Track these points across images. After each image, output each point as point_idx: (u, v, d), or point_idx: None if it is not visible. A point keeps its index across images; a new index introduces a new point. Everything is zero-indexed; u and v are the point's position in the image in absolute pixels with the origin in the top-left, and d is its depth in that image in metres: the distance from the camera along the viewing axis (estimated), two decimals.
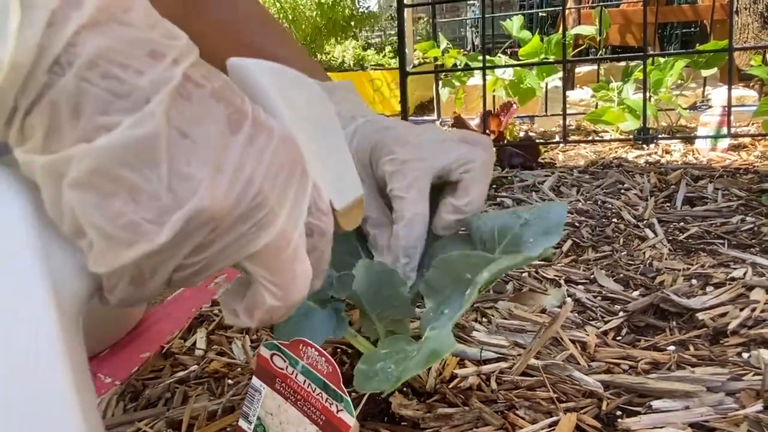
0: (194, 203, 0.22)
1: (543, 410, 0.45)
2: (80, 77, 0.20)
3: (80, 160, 0.21)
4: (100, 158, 0.21)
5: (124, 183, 0.21)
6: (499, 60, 1.93)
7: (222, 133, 0.24)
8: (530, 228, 0.42)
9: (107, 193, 0.21)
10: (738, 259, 0.72)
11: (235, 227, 0.25)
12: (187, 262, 0.24)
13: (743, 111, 1.68)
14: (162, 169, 0.22)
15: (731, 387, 0.46)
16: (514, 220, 0.43)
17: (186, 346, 0.60)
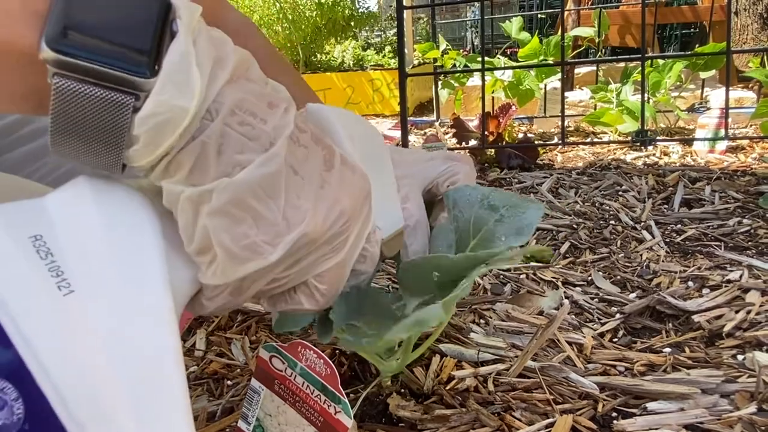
0: (302, 228, 0.27)
1: (539, 412, 0.46)
2: (224, 123, 0.25)
3: (221, 191, 0.25)
4: (238, 190, 0.25)
5: (252, 211, 0.26)
6: (498, 61, 1.93)
7: (320, 171, 0.28)
8: (503, 225, 0.43)
9: (238, 219, 0.25)
10: (734, 262, 0.72)
11: (320, 249, 0.29)
12: (279, 276, 0.29)
13: (741, 113, 1.68)
14: (280, 200, 0.26)
15: (726, 389, 0.47)
16: (489, 213, 0.44)
17: (185, 347, 0.60)
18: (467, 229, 0.44)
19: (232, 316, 0.66)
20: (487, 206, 0.44)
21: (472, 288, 0.70)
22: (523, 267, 0.75)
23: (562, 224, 0.91)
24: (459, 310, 0.63)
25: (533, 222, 0.42)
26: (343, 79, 3.19)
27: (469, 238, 0.43)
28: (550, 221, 0.93)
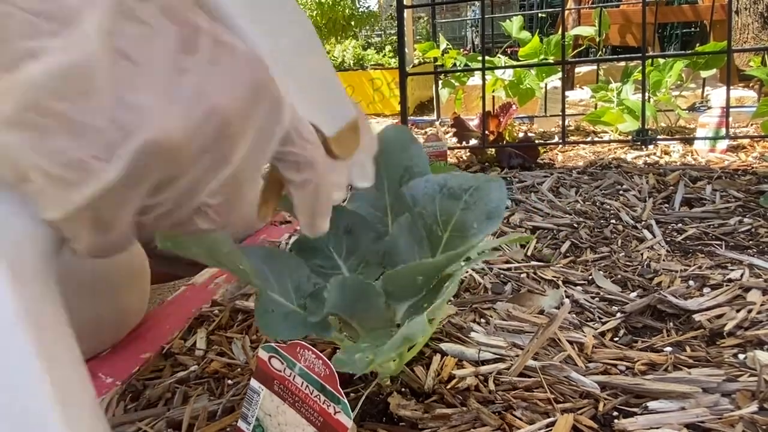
0: (143, 136, 0.20)
1: (540, 411, 0.46)
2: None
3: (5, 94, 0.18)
4: (31, 90, 0.18)
5: (60, 117, 0.19)
6: (498, 60, 1.93)
7: (174, 55, 0.21)
8: (471, 212, 0.42)
9: (44, 130, 0.19)
10: (735, 261, 0.72)
11: (199, 161, 0.22)
12: (151, 203, 0.23)
13: (742, 112, 1.68)
14: (103, 98, 0.19)
15: (727, 388, 0.47)
16: (452, 203, 0.42)
17: (186, 347, 0.60)
18: (435, 222, 0.43)
19: (232, 316, 0.66)
20: (448, 195, 0.43)
21: (472, 287, 0.69)
22: (523, 266, 0.75)
23: (562, 223, 0.90)
24: (460, 309, 0.63)
25: (501, 203, 0.41)
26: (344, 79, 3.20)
27: (441, 231, 0.43)
28: (551, 220, 0.92)
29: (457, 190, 0.43)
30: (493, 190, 0.41)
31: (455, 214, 0.42)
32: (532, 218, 0.94)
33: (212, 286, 0.73)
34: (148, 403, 0.51)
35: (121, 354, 0.59)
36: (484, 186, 0.42)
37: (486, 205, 0.41)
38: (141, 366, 0.56)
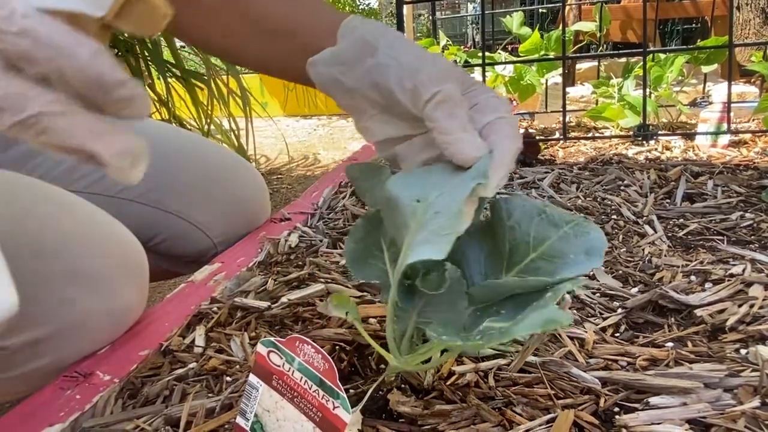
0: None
1: (541, 407, 0.45)
2: None
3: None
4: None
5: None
6: (499, 56, 1.92)
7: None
8: (570, 243, 0.42)
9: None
10: (737, 256, 0.71)
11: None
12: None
13: (744, 107, 1.67)
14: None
15: (729, 383, 0.46)
16: (550, 229, 0.43)
17: (185, 344, 0.60)
18: (526, 241, 0.43)
19: (231, 313, 0.65)
20: (547, 221, 0.43)
21: None
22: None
23: None
24: None
25: (601, 245, 0.41)
26: None
27: (528, 251, 0.43)
28: None
29: (557, 220, 0.43)
30: (594, 230, 0.42)
31: (550, 239, 0.42)
32: None
33: (212, 283, 0.73)
34: (146, 401, 0.51)
35: (119, 352, 0.58)
36: (584, 223, 0.42)
37: (586, 242, 0.41)
38: (139, 363, 0.56)
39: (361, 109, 0.46)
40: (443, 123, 0.39)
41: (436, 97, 0.39)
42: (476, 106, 0.42)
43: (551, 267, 0.41)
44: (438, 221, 0.37)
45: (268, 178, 2.48)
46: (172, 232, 0.85)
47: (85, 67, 0.25)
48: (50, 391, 0.52)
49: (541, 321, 0.33)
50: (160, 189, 0.83)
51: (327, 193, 1.11)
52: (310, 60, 0.45)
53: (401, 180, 0.42)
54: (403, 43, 0.43)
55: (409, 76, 0.40)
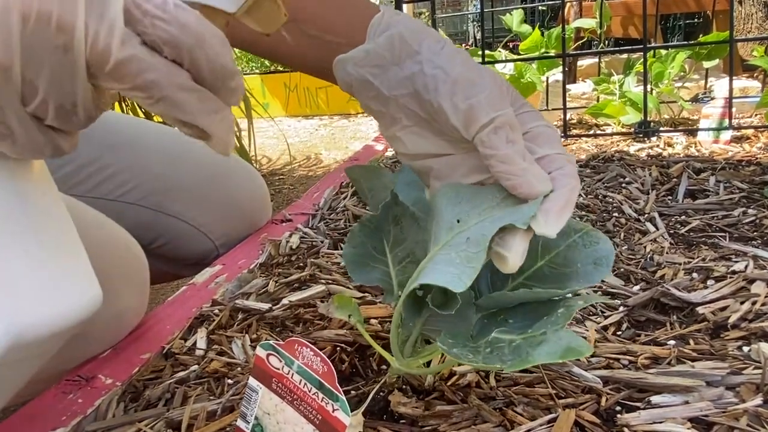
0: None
1: (542, 406, 0.45)
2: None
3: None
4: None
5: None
6: (499, 54, 1.92)
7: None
8: (578, 252, 0.41)
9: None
10: (739, 252, 0.71)
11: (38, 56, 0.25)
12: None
13: (746, 102, 1.67)
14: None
15: (731, 381, 0.46)
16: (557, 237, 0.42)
17: (186, 346, 0.60)
18: (534, 249, 0.42)
19: (233, 315, 0.65)
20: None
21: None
22: None
23: None
24: None
25: (610, 256, 0.40)
26: None
27: (536, 259, 0.42)
28: None
29: (565, 228, 0.42)
30: (602, 240, 0.41)
31: (559, 248, 0.42)
32: None
33: (213, 285, 0.73)
34: (147, 404, 0.51)
35: (121, 355, 0.59)
36: (593, 233, 0.42)
37: (594, 252, 0.41)
38: (141, 366, 0.56)
39: (394, 117, 0.41)
40: (503, 151, 0.36)
41: (494, 122, 0.36)
42: (529, 134, 0.39)
43: (559, 276, 0.41)
44: (467, 250, 0.36)
45: (270, 179, 2.48)
46: (173, 234, 0.85)
47: (217, 56, 0.28)
48: (53, 395, 0.52)
49: (560, 349, 0.32)
50: (160, 192, 0.84)
51: (328, 193, 1.11)
52: (339, 58, 0.41)
53: (451, 193, 0.40)
54: (448, 50, 0.39)
55: (464, 94, 0.37)
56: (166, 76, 0.27)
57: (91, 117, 0.29)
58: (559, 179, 0.37)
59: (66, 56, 0.25)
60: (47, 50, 0.25)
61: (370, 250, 0.46)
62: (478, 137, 0.37)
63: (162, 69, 0.27)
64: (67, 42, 0.25)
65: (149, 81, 0.27)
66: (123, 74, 0.26)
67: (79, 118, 0.28)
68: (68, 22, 0.25)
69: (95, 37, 0.25)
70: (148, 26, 0.26)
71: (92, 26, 0.25)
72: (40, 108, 0.27)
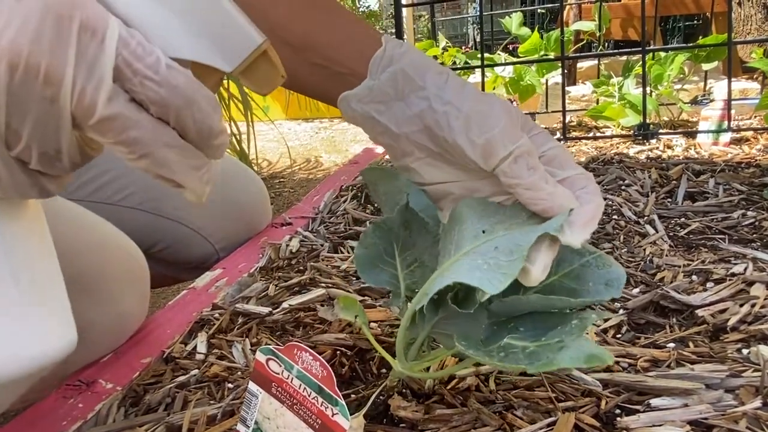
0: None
1: (541, 410, 0.45)
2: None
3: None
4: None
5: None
6: (498, 57, 1.92)
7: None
8: (591, 271, 0.42)
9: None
10: (739, 255, 0.71)
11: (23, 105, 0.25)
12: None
13: (746, 104, 1.67)
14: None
15: (730, 384, 0.46)
16: (573, 255, 0.43)
17: (186, 351, 0.60)
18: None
19: (233, 319, 0.66)
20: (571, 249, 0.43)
21: None
22: None
23: None
24: None
25: (621, 279, 0.41)
26: None
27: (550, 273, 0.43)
28: None
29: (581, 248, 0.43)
30: (615, 266, 0.42)
31: (573, 265, 0.43)
32: None
33: (213, 289, 0.73)
34: (148, 408, 0.51)
35: (121, 359, 0.59)
36: (606, 257, 0.43)
37: (607, 273, 0.42)
38: (141, 371, 0.56)
39: (405, 151, 0.42)
40: (527, 179, 0.37)
41: (513, 153, 0.37)
42: (544, 157, 0.40)
43: (570, 291, 0.41)
44: (497, 257, 0.36)
45: (270, 182, 2.48)
46: (173, 238, 0.85)
47: (204, 118, 0.28)
48: (53, 400, 0.52)
49: (584, 355, 0.33)
50: (161, 196, 0.84)
51: (328, 197, 1.11)
52: (343, 96, 0.42)
53: (476, 205, 0.41)
54: (453, 83, 0.39)
55: (479, 129, 0.37)
56: (151, 133, 0.27)
57: (75, 164, 0.29)
58: (584, 197, 0.38)
59: (51, 107, 0.26)
60: (33, 100, 0.25)
61: (381, 252, 0.46)
62: (499, 169, 0.37)
63: (147, 127, 0.27)
64: (54, 94, 0.25)
65: (132, 138, 0.27)
66: (107, 130, 0.27)
67: (63, 164, 0.28)
68: (56, 75, 0.25)
69: (81, 92, 0.26)
70: (137, 85, 0.26)
71: (80, 81, 0.25)
72: (23, 153, 0.27)
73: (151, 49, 0.27)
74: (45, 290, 0.32)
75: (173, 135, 0.28)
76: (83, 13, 0.25)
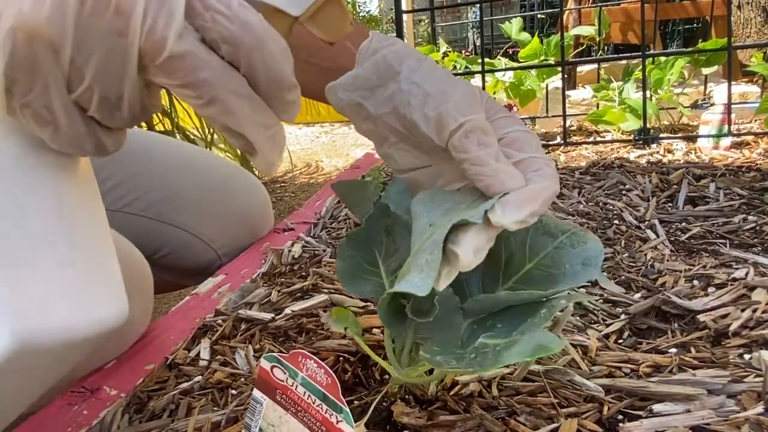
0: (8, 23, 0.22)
1: (544, 416, 0.46)
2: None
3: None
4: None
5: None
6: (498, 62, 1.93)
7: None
8: (566, 252, 0.41)
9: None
10: (740, 259, 0.71)
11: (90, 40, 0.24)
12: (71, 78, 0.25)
13: (746, 108, 1.67)
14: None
15: (732, 389, 0.47)
16: (546, 239, 0.42)
17: (190, 357, 0.60)
18: (522, 252, 0.43)
19: (236, 325, 0.66)
20: (543, 231, 0.43)
21: None
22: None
23: None
24: None
25: (598, 254, 0.40)
26: None
27: (525, 262, 0.43)
28: None
29: (553, 229, 0.43)
30: (590, 239, 0.41)
31: (546, 249, 0.42)
32: None
33: (216, 295, 0.74)
34: (152, 415, 0.51)
35: (125, 366, 0.59)
36: (580, 233, 0.42)
37: (583, 252, 0.41)
38: (145, 377, 0.57)
39: (383, 136, 0.43)
40: (475, 153, 0.35)
41: (464, 126, 0.36)
42: (505, 139, 0.39)
43: (548, 277, 0.41)
44: (432, 253, 0.35)
45: (272, 187, 2.48)
46: (176, 244, 0.86)
47: (276, 64, 0.27)
48: (58, 407, 0.52)
49: (531, 348, 0.33)
50: (163, 202, 0.84)
51: (330, 202, 1.11)
52: (330, 85, 0.42)
53: (426, 198, 0.40)
54: (427, 66, 0.39)
55: (434, 104, 0.37)
56: (221, 77, 0.26)
57: (135, 115, 0.27)
58: (534, 179, 0.36)
59: (119, 42, 0.24)
60: (101, 34, 0.24)
61: (361, 263, 0.46)
62: (450, 143, 0.37)
63: (217, 68, 0.26)
64: (123, 27, 0.24)
65: (201, 79, 0.26)
66: (175, 69, 0.25)
67: (123, 114, 0.27)
68: (127, 7, 0.24)
69: (152, 26, 0.24)
70: (208, 21, 0.25)
71: (151, 14, 0.24)
72: (84, 96, 0.26)
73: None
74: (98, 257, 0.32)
75: (244, 83, 0.27)
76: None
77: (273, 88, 0.28)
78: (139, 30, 0.24)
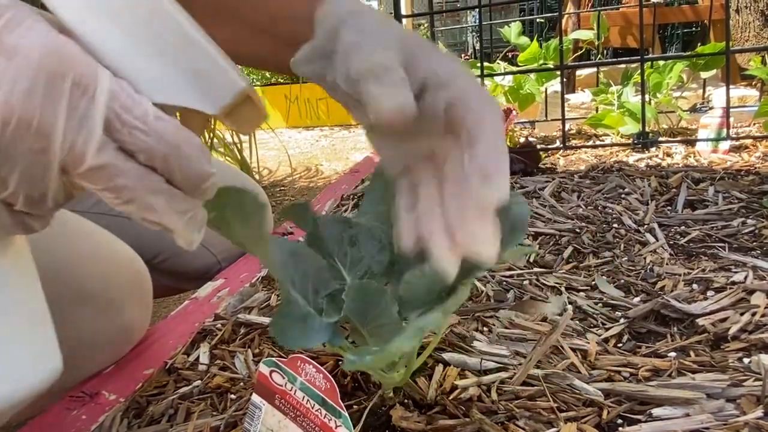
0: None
1: (543, 420, 0.46)
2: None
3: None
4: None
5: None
6: (498, 66, 1.94)
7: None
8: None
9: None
10: (739, 263, 0.71)
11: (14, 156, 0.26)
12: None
13: (744, 111, 1.68)
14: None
15: (731, 393, 0.46)
16: None
17: (189, 362, 0.60)
18: None
19: (235, 330, 0.66)
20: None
21: (475, 295, 0.69)
22: (526, 273, 0.75)
23: (564, 229, 0.90)
24: (462, 318, 0.63)
25: (524, 216, 0.40)
26: None
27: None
28: (553, 226, 0.92)
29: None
30: (514, 204, 0.41)
31: None
32: (534, 224, 0.93)
33: (215, 299, 0.74)
34: (151, 420, 0.51)
35: (124, 370, 0.59)
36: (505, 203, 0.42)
37: (509, 219, 0.41)
38: (144, 382, 0.57)
39: (348, 103, 0.41)
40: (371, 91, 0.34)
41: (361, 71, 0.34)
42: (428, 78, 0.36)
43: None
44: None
45: (271, 191, 2.49)
46: (175, 249, 0.86)
47: (190, 164, 0.29)
48: (57, 412, 0.52)
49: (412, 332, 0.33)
50: None
51: (329, 206, 1.11)
52: (292, 60, 0.41)
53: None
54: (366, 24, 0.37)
55: (343, 59, 0.36)
56: (138, 181, 0.28)
57: (59, 204, 0.29)
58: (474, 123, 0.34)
59: (41, 157, 0.26)
60: (23, 152, 0.26)
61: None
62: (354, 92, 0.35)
63: (134, 174, 0.28)
64: (44, 146, 0.26)
65: (120, 185, 0.27)
66: (96, 178, 0.27)
67: (48, 206, 0.29)
68: (47, 128, 0.26)
69: (72, 144, 0.26)
70: (126, 135, 0.27)
71: (71, 133, 0.26)
72: (10, 198, 0.27)
73: (139, 99, 0.28)
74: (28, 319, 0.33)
75: (160, 181, 0.29)
76: (76, 70, 0.26)
77: (189, 183, 0.29)
78: (59, 148, 0.26)
